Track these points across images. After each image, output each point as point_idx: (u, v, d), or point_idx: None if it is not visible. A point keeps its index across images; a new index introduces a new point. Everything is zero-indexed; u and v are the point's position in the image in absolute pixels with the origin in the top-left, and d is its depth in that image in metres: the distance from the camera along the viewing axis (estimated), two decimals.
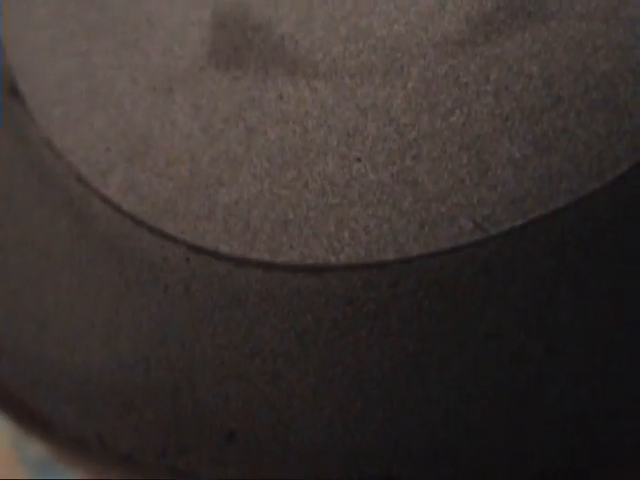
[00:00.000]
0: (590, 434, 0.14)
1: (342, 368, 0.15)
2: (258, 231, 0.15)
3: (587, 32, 0.14)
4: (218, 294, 0.15)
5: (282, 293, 0.15)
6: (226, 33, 0.16)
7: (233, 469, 0.15)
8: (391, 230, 0.14)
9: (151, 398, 0.16)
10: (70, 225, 0.17)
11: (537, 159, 0.14)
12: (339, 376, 0.15)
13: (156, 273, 0.16)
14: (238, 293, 0.15)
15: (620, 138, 0.14)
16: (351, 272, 0.15)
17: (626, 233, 0.13)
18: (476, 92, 0.15)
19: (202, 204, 0.16)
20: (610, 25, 0.14)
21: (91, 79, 0.17)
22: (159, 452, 0.16)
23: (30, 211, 0.17)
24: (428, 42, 0.15)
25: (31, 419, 0.17)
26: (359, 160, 0.15)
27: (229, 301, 0.15)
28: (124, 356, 0.16)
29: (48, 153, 0.17)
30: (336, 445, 0.15)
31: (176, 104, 0.16)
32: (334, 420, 0.15)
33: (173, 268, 0.16)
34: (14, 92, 0.17)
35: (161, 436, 0.16)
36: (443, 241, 0.14)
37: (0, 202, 0.17)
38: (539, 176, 0.14)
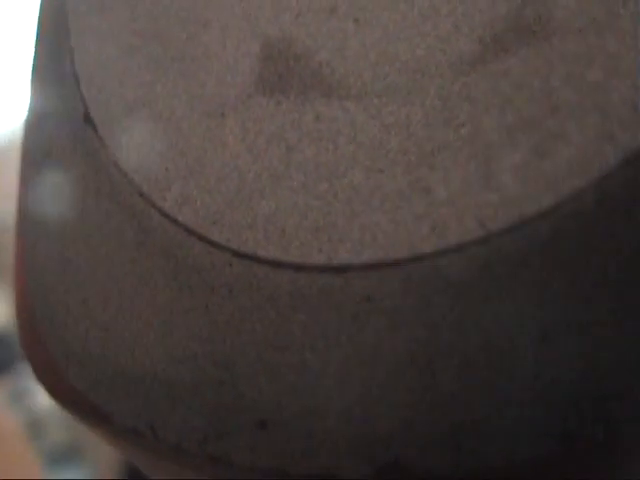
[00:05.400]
0: (584, 421, 0.15)
1: (361, 359, 0.16)
2: (292, 237, 0.17)
3: (583, 45, 0.15)
4: (256, 294, 0.17)
5: (310, 291, 0.16)
6: (272, 63, 0.18)
7: (263, 456, 0.17)
8: (406, 232, 0.16)
9: (197, 391, 0.17)
10: (133, 236, 0.18)
11: (535, 163, 0.15)
12: (358, 366, 0.16)
13: (204, 277, 0.18)
14: (272, 293, 0.17)
15: (609, 139, 0.15)
16: (369, 271, 0.16)
17: (613, 225, 0.14)
18: (484, 106, 0.16)
19: (245, 215, 0.17)
20: (604, 38, 0.15)
21: (153, 107, 0.19)
22: (201, 440, 0.17)
23: (99, 224, 0.19)
24: (445, 63, 0.17)
25: (93, 415, 0.19)
26: (381, 171, 0.16)
27: (265, 300, 0.17)
28: (176, 353, 0.18)
29: (115, 172, 0.19)
30: (352, 432, 0.16)
31: (227, 128, 0.18)
32: (352, 408, 0.16)
33: (218, 272, 0.17)
34: (87, 119, 0.19)
35: (203, 425, 0.17)
36: (450, 240, 0.15)
37: (74, 216, 0.19)
38: (535, 178, 0.15)
